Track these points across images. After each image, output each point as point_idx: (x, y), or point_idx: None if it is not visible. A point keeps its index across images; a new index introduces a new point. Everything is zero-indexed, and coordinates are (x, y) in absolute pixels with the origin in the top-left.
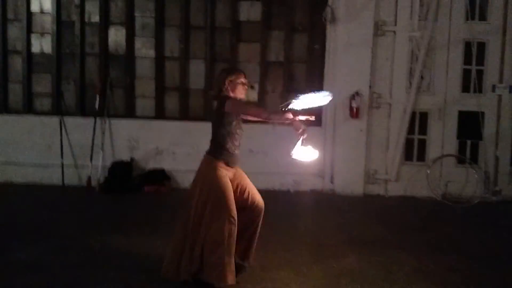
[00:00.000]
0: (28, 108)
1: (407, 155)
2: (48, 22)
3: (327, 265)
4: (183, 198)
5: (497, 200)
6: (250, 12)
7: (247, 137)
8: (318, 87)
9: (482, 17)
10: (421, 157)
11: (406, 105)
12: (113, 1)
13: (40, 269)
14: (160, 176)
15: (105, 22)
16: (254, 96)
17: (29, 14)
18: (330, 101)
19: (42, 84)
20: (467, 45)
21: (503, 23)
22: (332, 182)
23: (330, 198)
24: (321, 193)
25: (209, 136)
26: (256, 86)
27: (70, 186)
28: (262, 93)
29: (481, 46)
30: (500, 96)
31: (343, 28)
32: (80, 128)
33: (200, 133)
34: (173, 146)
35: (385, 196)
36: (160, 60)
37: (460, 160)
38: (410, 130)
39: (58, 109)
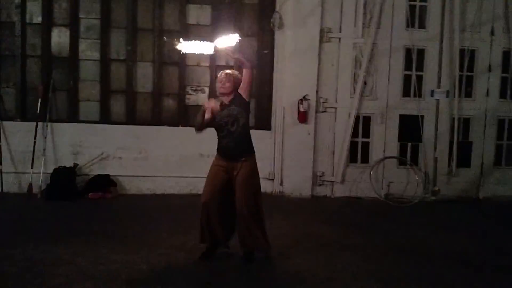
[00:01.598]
0: None
1: (352, 158)
2: None
3: (274, 266)
4: (128, 204)
5: (436, 199)
6: (199, 15)
7: (198, 141)
8: (268, 91)
9: (422, 25)
10: (365, 159)
11: (351, 109)
12: (56, 2)
13: None
14: (105, 182)
15: (48, 23)
16: (204, 99)
17: None
18: (279, 105)
19: None
20: (408, 52)
21: (441, 31)
22: (281, 184)
23: (279, 200)
24: (271, 196)
25: (157, 141)
26: (206, 90)
27: (9, 194)
28: (212, 96)
29: (421, 52)
30: (438, 100)
31: (291, 34)
32: (20, 133)
33: (148, 138)
34: (120, 151)
35: (331, 197)
36: (105, 62)
37: (402, 162)
38: (354, 134)
39: None
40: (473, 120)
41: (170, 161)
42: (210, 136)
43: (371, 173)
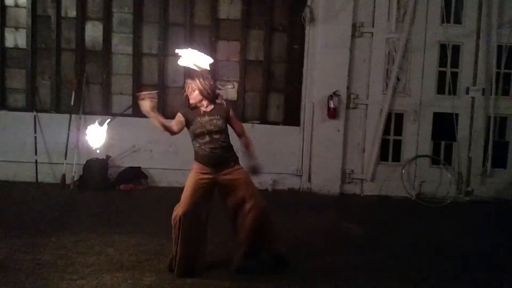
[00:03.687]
0: (2, 103)
1: (383, 155)
2: (23, 16)
3: (303, 264)
4: (159, 197)
5: (470, 200)
6: (229, 10)
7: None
8: (297, 87)
9: (457, 21)
10: (396, 157)
11: (382, 106)
12: None
13: (11, 268)
14: (137, 174)
15: (82, 17)
16: (233, 94)
17: (3, 8)
18: (308, 101)
19: (16, 79)
20: (442, 48)
21: (477, 27)
22: (309, 181)
23: (307, 197)
24: (298, 192)
25: (187, 135)
26: (235, 84)
27: (44, 184)
28: (241, 91)
29: (456, 49)
30: (473, 98)
31: (322, 29)
32: (55, 124)
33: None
34: (150, 144)
35: (360, 196)
36: (138, 56)
37: (434, 161)
38: (386, 131)
39: (33, 105)
40: (510, 119)
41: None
42: None
43: (403, 172)
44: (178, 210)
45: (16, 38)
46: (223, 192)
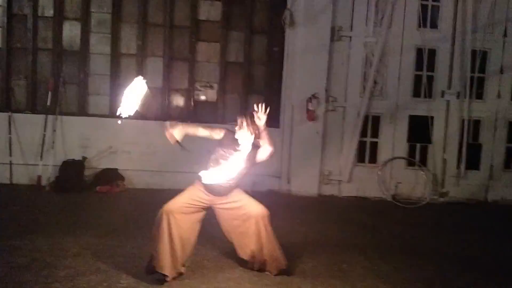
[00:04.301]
0: None
1: (360, 157)
2: None
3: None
4: (136, 198)
5: (444, 201)
6: (209, 11)
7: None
8: (277, 89)
9: (433, 25)
10: (373, 159)
11: (360, 108)
12: None
13: None
14: (113, 176)
15: (59, 17)
16: (213, 96)
17: None
18: (288, 103)
19: None
20: (419, 52)
21: (453, 32)
22: (288, 182)
23: (286, 198)
24: (278, 193)
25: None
26: (215, 86)
27: (19, 185)
28: (221, 93)
29: (432, 53)
30: (448, 101)
31: (301, 32)
32: (30, 125)
33: (156, 133)
34: (128, 145)
35: (338, 197)
36: (116, 57)
37: (410, 163)
38: (363, 133)
39: (8, 105)
40: (484, 122)
41: (177, 156)
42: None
43: (379, 173)
44: (164, 207)
45: None
46: (221, 217)
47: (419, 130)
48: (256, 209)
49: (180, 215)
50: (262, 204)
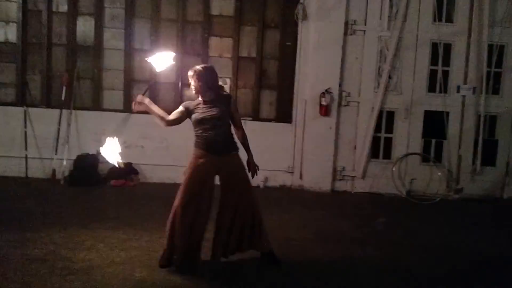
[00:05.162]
0: None
1: (374, 153)
2: (13, 10)
3: (293, 259)
4: (149, 193)
5: (459, 198)
6: (222, 6)
7: None
8: (290, 84)
9: (449, 19)
10: (387, 155)
11: (374, 103)
12: None
13: (0, 263)
14: (128, 170)
15: (74, 12)
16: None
17: None
18: (300, 98)
19: (6, 73)
20: (434, 46)
21: (469, 26)
22: (301, 178)
23: (299, 194)
24: (290, 189)
25: (178, 131)
26: (228, 81)
27: (34, 179)
28: (233, 88)
29: (447, 47)
30: (464, 97)
31: (315, 26)
32: (45, 119)
33: (170, 127)
34: (142, 140)
35: (351, 193)
36: (129, 52)
37: (425, 159)
38: (377, 129)
39: (23, 100)
40: (500, 117)
41: (190, 152)
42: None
43: (393, 169)
44: (176, 201)
45: (6, 32)
46: (222, 183)
47: (434, 125)
48: (246, 194)
49: (191, 204)
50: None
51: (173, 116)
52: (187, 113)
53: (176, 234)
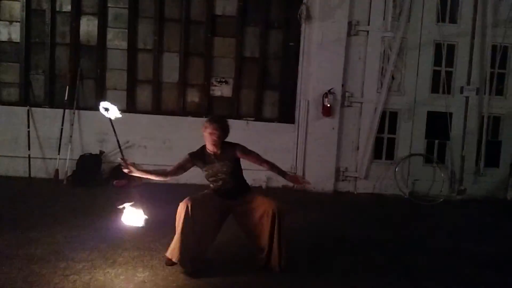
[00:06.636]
0: None
1: (377, 154)
2: (17, 10)
3: (294, 260)
4: (152, 193)
5: (462, 199)
6: (225, 6)
7: None
8: (292, 84)
9: (453, 20)
10: (390, 155)
11: (377, 104)
12: None
13: (3, 262)
14: None
15: (77, 12)
16: (228, 91)
17: None
18: (303, 99)
19: (10, 73)
20: (437, 47)
21: (472, 26)
22: (304, 178)
23: (301, 195)
24: (292, 190)
25: (181, 131)
26: (231, 81)
27: (36, 178)
28: (236, 88)
29: (451, 48)
30: (467, 98)
31: (318, 27)
32: (48, 119)
33: (172, 128)
34: (145, 140)
35: (354, 193)
36: (132, 52)
37: (428, 159)
38: (380, 129)
39: (26, 100)
40: (504, 118)
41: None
42: (235, 127)
43: (396, 170)
44: (187, 199)
45: (10, 32)
46: (239, 219)
47: (437, 126)
48: (270, 205)
49: (198, 210)
50: (277, 200)
51: (177, 168)
52: (193, 164)
53: (184, 232)
